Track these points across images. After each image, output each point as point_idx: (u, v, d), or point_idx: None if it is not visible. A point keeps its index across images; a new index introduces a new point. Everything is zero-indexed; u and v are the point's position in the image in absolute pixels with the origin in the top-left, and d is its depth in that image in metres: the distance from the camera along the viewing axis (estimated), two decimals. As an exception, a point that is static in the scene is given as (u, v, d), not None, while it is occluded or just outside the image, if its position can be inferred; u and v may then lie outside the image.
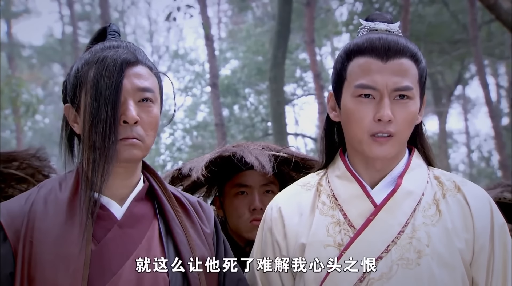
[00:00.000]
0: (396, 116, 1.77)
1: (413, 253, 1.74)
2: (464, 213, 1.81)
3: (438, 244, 1.75)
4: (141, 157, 1.74)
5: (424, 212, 1.80)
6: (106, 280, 1.61)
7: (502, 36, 15.85)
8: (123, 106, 1.66)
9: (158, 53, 27.91)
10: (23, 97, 14.17)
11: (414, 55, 1.80)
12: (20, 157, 2.90)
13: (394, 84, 1.76)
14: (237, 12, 25.21)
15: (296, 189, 1.97)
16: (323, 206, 1.88)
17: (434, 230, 1.77)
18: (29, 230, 1.61)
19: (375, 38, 1.79)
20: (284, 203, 1.94)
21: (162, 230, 1.74)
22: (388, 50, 1.77)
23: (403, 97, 1.78)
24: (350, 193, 1.86)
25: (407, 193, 1.82)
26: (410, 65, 1.79)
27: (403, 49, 1.78)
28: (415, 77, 1.80)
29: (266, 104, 20.97)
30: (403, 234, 1.76)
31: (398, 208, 1.79)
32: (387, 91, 1.76)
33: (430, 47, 18.37)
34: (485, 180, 22.20)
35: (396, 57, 1.77)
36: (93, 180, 1.64)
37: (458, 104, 27.19)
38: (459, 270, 1.76)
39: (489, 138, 24.21)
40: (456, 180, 1.88)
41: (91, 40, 1.83)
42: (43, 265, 1.58)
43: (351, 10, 17.86)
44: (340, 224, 1.82)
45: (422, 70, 1.83)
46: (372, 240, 1.76)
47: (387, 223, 1.78)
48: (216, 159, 2.54)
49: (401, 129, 1.79)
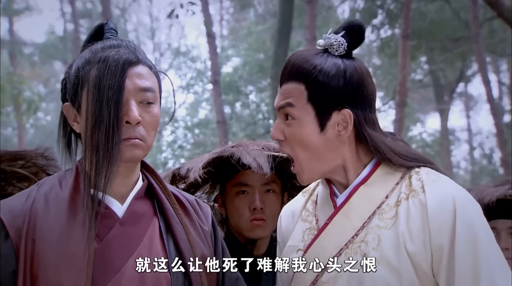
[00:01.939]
0: (286, 136, 1.82)
1: (359, 256, 1.73)
2: (422, 214, 1.72)
3: (387, 247, 1.71)
4: (142, 156, 1.74)
5: (381, 215, 1.77)
6: (110, 277, 1.62)
7: (504, 34, 15.81)
8: (125, 106, 1.67)
9: (159, 51, 27.92)
10: (25, 95, 14.17)
11: (302, 76, 1.79)
12: (28, 156, 2.89)
13: (277, 103, 1.84)
14: (238, 10, 25.20)
15: (299, 195, 2.06)
16: (306, 212, 1.94)
17: (386, 233, 1.73)
18: (30, 228, 1.62)
19: (286, 62, 1.87)
20: (285, 210, 2.07)
21: (163, 228, 1.75)
22: (281, 76, 1.85)
23: (287, 117, 1.82)
24: (322, 198, 1.90)
25: (366, 197, 1.80)
26: (294, 87, 1.80)
27: (290, 73, 1.82)
28: (301, 97, 1.79)
29: (268, 102, 20.94)
30: (357, 238, 1.76)
31: (355, 212, 1.79)
32: (277, 111, 1.84)
33: (432, 44, 18.36)
34: (487, 177, 22.18)
35: (284, 81, 1.83)
36: (96, 181, 1.64)
37: (460, 101, 27.20)
38: (407, 276, 1.69)
39: (491, 136, 24.18)
40: (425, 180, 1.79)
41: (88, 37, 1.83)
42: (46, 263, 1.58)
43: (353, 7, 17.87)
44: (311, 229, 1.87)
45: (314, 88, 1.78)
46: (327, 243, 1.79)
47: (342, 226, 1.79)
48: (215, 160, 2.54)
49: (295, 151, 1.82)
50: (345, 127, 1.79)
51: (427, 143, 23.84)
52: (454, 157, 27.09)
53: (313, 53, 1.81)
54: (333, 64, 1.78)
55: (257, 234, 2.53)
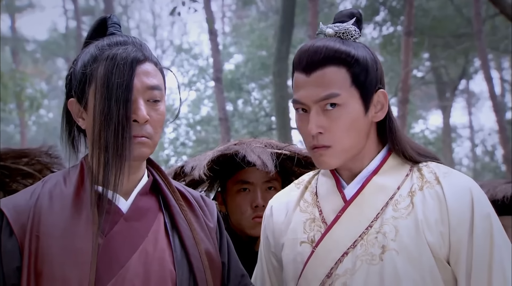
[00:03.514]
0: (327, 127, 1.74)
1: (377, 248, 1.71)
2: (440, 205, 1.73)
3: (406, 237, 1.70)
4: (149, 154, 1.75)
5: (395, 205, 1.76)
6: (114, 272, 1.62)
7: (507, 30, 15.79)
8: (133, 105, 1.66)
9: (162, 48, 27.95)
10: (27, 92, 14.20)
11: (342, 60, 1.73)
12: (32, 153, 2.91)
13: (315, 96, 1.73)
14: (241, 7, 25.20)
15: (290, 187, 2.01)
16: (305, 203, 1.90)
17: (404, 223, 1.72)
18: (35, 225, 1.62)
19: (305, 49, 1.76)
20: (276, 201, 2.00)
21: (168, 224, 1.75)
22: (310, 63, 1.74)
23: (333, 105, 1.73)
24: (327, 189, 1.87)
25: (379, 188, 1.79)
26: (335, 72, 1.73)
27: (327, 58, 1.73)
28: (344, 82, 1.73)
29: (270, 99, 20.96)
30: (371, 229, 1.74)
31: (368, 203, 1.78)
32: (312, 104, 1.74)
33: (434, 41, 18.36)
34: (489, 174, 22.19)
35: (319, 68, 1.73)
36: (106, 179, 1.64)
37: (462, 98, 27.19)
38: (427, 265, 1.69)
39: (493, 132, 24.17)
40: (438, 172, 1.80)
41: (91, 31, 1.82)
42: (50, 259, 1.58)
43: (355, 4, 17.84)
44: (315, 220, 1.83)
45: (356, 71, 1.75)
46: (340, 235, 1.76)
47: (355, 218, 1.77)
48: (219, 158, 2.55)
49: (337, 138, 1.75)
50: (381, 108, 1.80)
51: (429, 140, 23.82)
52: (456, 154, 27.09)
53: (334, 40, 1.77)
54: (362, 47, 1.79)
55: (259, 231, 2.53)
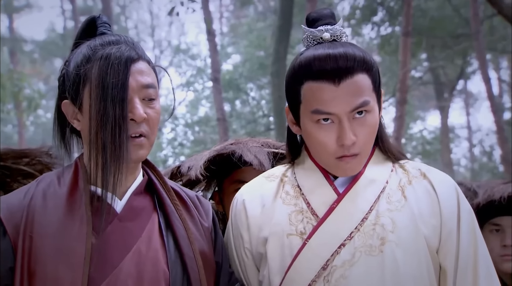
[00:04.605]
0: (357, 135, 1.74)
1: (376, 239, 1.73)
2: (431, 199, 1.79)
3: (403, 230, 1.74)
4: (146, 155, 1.75)
5: (388, 198, 1.79)
6: (107, 273, 1.61)
7: (504, 31, 15.80)
8: (130, 104, 1.66)
9: (160, 48, 27.91)
10: (25, 92, 14.17)
11: (365, 65, 1.73)
12: (33, 154, 2.90)
13: (350, 106, 1.71)
14: (239, 7, 25.18)
15: (261, 180, 1.97)
16: (287, 195, 1.88)
17: (399, 215, 1.76)
18: (28, 224, 1.61)
19: (323, 58, 1.72)
20: (247, 195, 1.94)
21: (162, 224, 1.74)
22: (338, 72, 1.70)
23: (361, 113, 1.73)
24: (314, 182, 1.86)
25: (369, 181, 1.81)
26: (363, 79, 1.73)
27: (353, 65, 1.71)
28: (369, 88, 1.75)
29: (268, 99, 20.97)
30: (367, 221, 1.76)
31: (361, 196, 1.79)
32: (345, 114, 1.72)
33: (432, 41, 18.36)
34: (487, 174, 22.19)
35: (348, 76, 1.71)
36: (104, 180, 1.64)
37: (460, 98, 27.19)
38: (424, 257, 1.74)
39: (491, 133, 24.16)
40: (421, 168, 1.87)
41: (80, 31, 1.81)
42: (43, 259, 1.58)
43: (353, 4, 17.84)
44: (303, 212, 1.82)
45: (375, 75, 1.77)
46: (335, 227, 1.76)
47: (350, 210, 1.78)
48: (215, 157, 2.54)
49: (365, 145, 1.77)
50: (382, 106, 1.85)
51: (427, 141, 23.86)
52: (454, 154, 27.10)
53: (343, 45, 1.76)
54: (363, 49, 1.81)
55: None
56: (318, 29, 1.81)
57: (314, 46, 1.80)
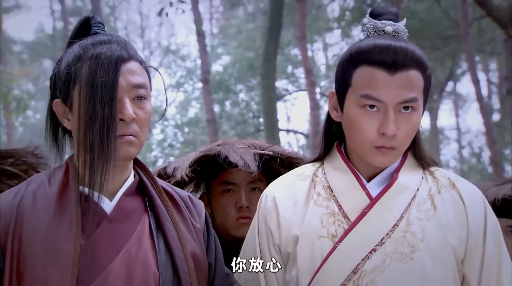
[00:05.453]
0: (399, 128, 1.75)
1: (407, 247, 1.74)
2: (459, 210, 1.81)
3: (433, 239, 1.76)
4: (136, 154, 1.73)
5: (418, 206, 1.80)
6: (96, 275, 1.60)
7: (493, 32, 15.89)
8: (119, 104, 1.65)
9: (149, 49, 27.86)
10: (14, 93, 14.10)
11: (421, 65, 1.76)
12: (18, 154, 2.88)
13: (400, 97, 1.73)
14: (228, 8, 25.16)
15: (291, 179, 1.96)
16: (318, 196, 1.87)
17: (429, 225, 1.77)
18: (18, 226, 1.60)
19: (383, 47, 1.74)
20: (279, 193, 1.92)
21: (153, 225, 1.73)
22: (396, 62, 1.73)
23: (408, 108, 1.76)
24: (346, 185, 1.86)
25: (402, 187, 1.82)
26: (417, 76, 1.75)
27: (411, 60, 1.74)
28: (421, 87, 1.77)
29: (258, 100, 20.96)
30: (397, 228, 1.77)
31: (393, 202, 1.80)
32: (393, 104, 1.74)
33: (422, 43, 18.36)
34: (476, 176, 22.27)
35: (404, 69, 1.73)
36: (92, 180, 1.63)
37: (449, 100, 27.24)
38: (451, 267, 1.76)
39: (480, 134, 24.27)
40: (450, 177, 1.89)
41: (74, 31, 1.80)
42: (32, 260, 1.57)
43: (343, 6, 17.89)
44: (335, 215, 1.82)
45: (428, 78, 1.80)
46: (366, 232, 1.77)
47: (382, 216, 1.78)
48: (201, 159, 2.53)
49: (404, 141, 1.79)
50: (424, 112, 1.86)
51: (416, 142, 23.86)
52: (443, 156, 27.15)
53: (405, 41, 1.79)
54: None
55: (244, 232, 2.50)
56: (382, 21, 1.82)
57: (374, 36, 1.81)
